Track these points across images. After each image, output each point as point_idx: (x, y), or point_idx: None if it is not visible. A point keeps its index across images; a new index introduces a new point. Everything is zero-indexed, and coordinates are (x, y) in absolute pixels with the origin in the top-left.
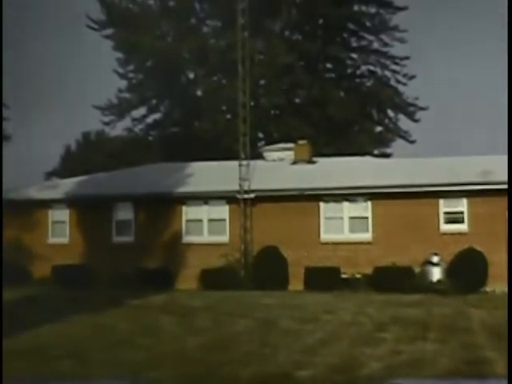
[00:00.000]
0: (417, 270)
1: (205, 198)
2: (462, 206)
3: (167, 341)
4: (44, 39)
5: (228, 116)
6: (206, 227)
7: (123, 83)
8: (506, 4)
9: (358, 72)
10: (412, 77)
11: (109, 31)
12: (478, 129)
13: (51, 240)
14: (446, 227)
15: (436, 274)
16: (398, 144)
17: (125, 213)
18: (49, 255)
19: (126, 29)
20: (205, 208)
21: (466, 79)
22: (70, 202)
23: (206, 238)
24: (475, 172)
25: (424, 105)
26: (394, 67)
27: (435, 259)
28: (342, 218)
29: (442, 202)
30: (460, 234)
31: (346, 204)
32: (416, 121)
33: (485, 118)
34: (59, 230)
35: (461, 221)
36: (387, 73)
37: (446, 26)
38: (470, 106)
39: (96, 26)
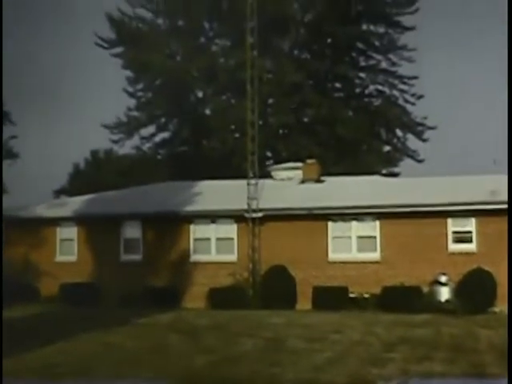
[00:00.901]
0: (425, 289)
1: (213, 217)
2: (471, 225)
3: (175, 359)
4: (53, 56)
5: (236, 135)
6: (214, 246)
7: (132, 101)
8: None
9: (367, 91)
10: (420, 96)
11: (118, 50)
12: (487, 148)
13: (59, 258)
14: (454, 247)
15: (444, 293)
16: (406, 163)
17: (133, 231)
18: (56, 273)
19: (135, 47)
20: (213, 227)
21: (477, 97)
22: (78, 220)
23: (213, 256)
24: (483, 191)
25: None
26: (402, 87)
27: (443, 279)
28: (350, 238)
29: (450, 221)
30: (468, 253)
31: (354, 223)
32: (424, 140)
33: (494, 138)
34: (67, 247)
35: (469, 240)
36: (395, 92)
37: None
38: (479, 125)
39: (105, 45)
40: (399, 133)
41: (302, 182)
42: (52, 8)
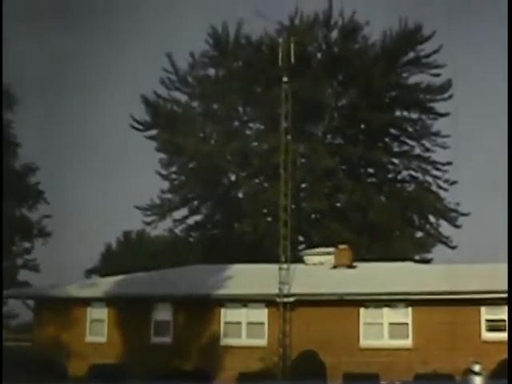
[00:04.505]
0: (458, 378)
1: (244, 301)
2: (505, 313)
3: None
4: (87, 138)
5: (269, 219)
6: (245, 330)
7: (165, 184)
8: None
9: (400, 177)
10: (453, 182)
11: (152, 132)
12: None
13: (89, 338)
14: (487, 335)
15: (478, 383)
16: (439, 249)
17: (163, 313)
18: (86, 353)
19: (170, 130)
20: (244, 311)
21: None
22: (108, 300)
23: (244, 340)
24: None
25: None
26: (435, 173)
27: (477, 368)
28: (381, 324)
29: (483, 309)
30: (502, 342)
31: (386, 310)
32: (457, 226)
33: None
34: (97, 328)
35: (503, 329)
36: (429, 178)
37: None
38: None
39: (140, 127)
40: (432, 219)
41: (334, 267)
42: (86, 87)
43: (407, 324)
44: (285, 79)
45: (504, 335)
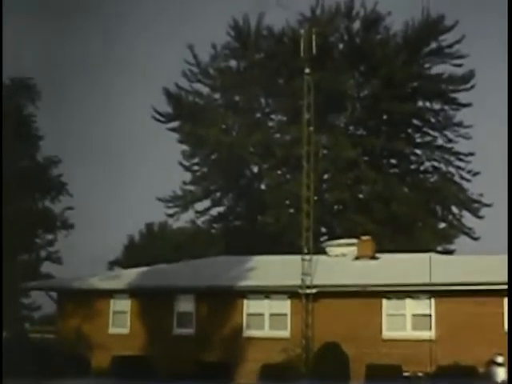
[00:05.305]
0: (481, 369)
1: (266, 292)
2: None
3: None
4: (110, 130)
5: (291, 210)
6: (267, 321)
7: (187, 175)
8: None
9: (422, 168)
10: (476, 173)
11: (174, 124)
12: None
13: (112, 330)
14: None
15: (501, 374)
16: (462, 240)
17: (186, 305)
18: (109, 345)
19: (192, 122)
20: (266, 302)
21: None
22: (131, 292)
23: (266, 332)
24: None
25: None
26: (458, 163)
27: (500, 359)
28: (404, 315)
29: (506, 300)
30: None
31: (408, 301)
32: (480, 217)
33: None
34: (120, 320)
35: None
36: (451, 169)
37: None
38: None
39: (162, 119)
40: (455, 210)
41: (357, 258)
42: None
43: (430, 315)
44: (307, 70)
45: None
